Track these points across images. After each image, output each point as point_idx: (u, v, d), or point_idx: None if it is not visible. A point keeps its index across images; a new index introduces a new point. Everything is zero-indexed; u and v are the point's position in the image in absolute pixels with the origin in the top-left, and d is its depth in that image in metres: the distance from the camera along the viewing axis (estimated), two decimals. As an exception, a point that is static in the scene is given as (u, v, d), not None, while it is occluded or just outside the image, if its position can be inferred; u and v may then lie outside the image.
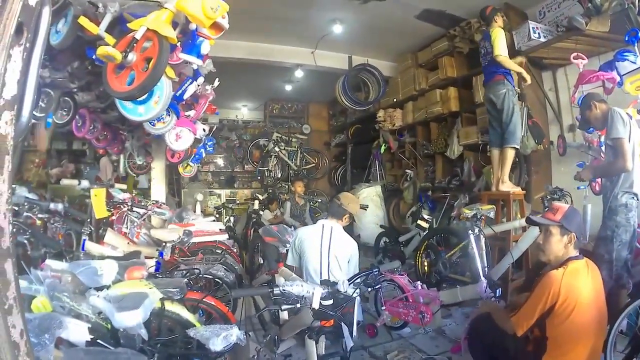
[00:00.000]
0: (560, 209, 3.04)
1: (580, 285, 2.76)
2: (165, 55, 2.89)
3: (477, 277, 4.40)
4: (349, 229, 4.68)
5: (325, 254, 4.12)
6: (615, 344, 3.39)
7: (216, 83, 5.46)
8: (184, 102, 5.07)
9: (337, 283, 2.48)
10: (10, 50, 1.23)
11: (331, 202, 4.70)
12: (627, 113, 4.24)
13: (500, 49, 5.66)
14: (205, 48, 3.71)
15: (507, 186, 5.86)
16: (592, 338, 2.81)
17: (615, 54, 5.08)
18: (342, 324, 2.53)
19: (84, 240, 4.13)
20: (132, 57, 2.99)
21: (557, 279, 2.74)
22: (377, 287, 3.03)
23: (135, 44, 2.97)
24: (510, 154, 5.82)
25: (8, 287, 1.24)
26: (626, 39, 4.86)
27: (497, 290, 4.11)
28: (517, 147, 5.86)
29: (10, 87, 1.24)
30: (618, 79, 4.99)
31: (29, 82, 1.34)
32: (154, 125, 4.88)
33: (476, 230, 4.69)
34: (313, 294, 2.35)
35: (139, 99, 3.54)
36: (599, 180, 5.30)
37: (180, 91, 4.52)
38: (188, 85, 4.53)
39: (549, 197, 5.35)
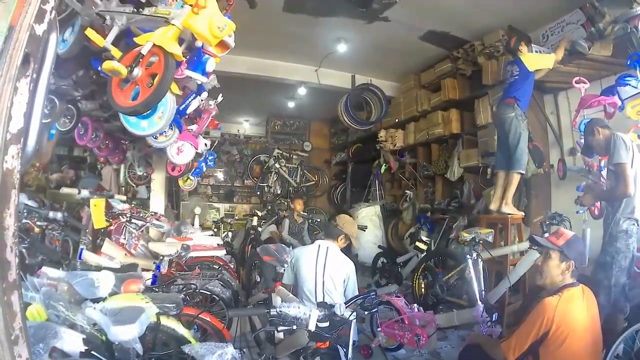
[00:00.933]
0: (564, 235, 3.02)
1: (575, 313, 2.74)
2: (171, 72, 2.90)
3: (473, 301, 4.39)
4: (347, 248, 4.65)
5: (320, 274, 4.09)
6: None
7: (220, 98, 5.47)
8: (186, 117, 5.08)
9: (334, 306, 2.48)
10: (17, 82, 1.23)
11: (328, 223, 4.64)
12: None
13: (550, 62, 5.72)
14: (210, 65, 3.71)
15: (510, 209, 5.82)
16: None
17: (617, 79, 5.14)
18: (339, 346, 2.52)
19: (82, 249, 4.11)
20: (137, 72, 2.99)
21: (551, 306, 2.73)
22: (374, 310, 3.01)
23: (141, 59, 2.98)
24: (515, 179, 5.79)
25: (14, 318, 1.25)
26: (628, 63, 4.92)
27: (494, 315, 4.10)
28: (523, 172, 5.85)
29: (16, 120, 1.23)
30: (619, 103, 5.04)
31: (35, 112, 1.34)
32: (156, 138, 4.88)
33: (474, 254, 4.68)
34: (310, 315, 2.34)
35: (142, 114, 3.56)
36: (597, 204, 5.31)
37: (183, 105, 4.52)
38: (191, 100, 4.52)
39: (547, 222, 5.35)
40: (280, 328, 2.37)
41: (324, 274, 4.09)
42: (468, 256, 4.63)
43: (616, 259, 4.02)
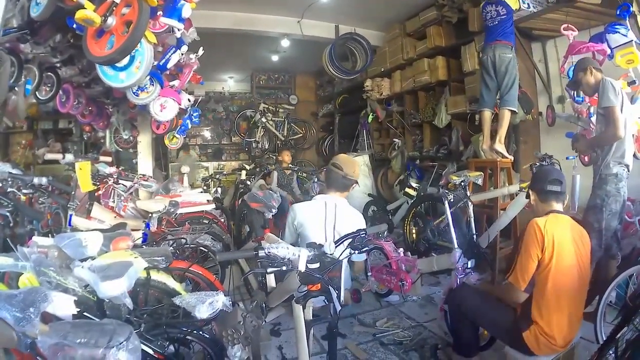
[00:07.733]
0: None
1: (561, 231, 2.77)
2: (145, 17, 2.86)
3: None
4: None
5: (331, 237, 3.67)
6: (605, 315, 3.44)
7: (200, 52, 5.38)
8: (167, 72, 5.00)
9: (323, 245, 2.44)
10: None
11: (329, 171, 4.00)
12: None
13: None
14: (186, 11, 3.65)
15: (502, 148, 5.82)
16: (577, 294, 2.80)
17: (606, 27, 5.05)
18: (330, 287, 2.50)
19: (71, 215, 4.09)
20: (111, 21, 2.97)
21: (539, 224, 2.76)
22: (364, 250, 2.95)
23: (114, 8, 2.93)
24: (507, 116, 5.79)
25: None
26: (618, 13, 4.83)
27: (470, 261, 3.98)
28: (516, 111, 5.90)
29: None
30: (608, 51, 4.98)
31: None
32: (137, 95, 4.81)
33: (450, 196, 4.45)
34: (299, 256, 2.31)
35: (120, 65, 3.51)
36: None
37: (163, 60, 4.47)
38: (171, 54, 4.47)
39: (537, 163, 5.31)
40: (269, 269, 2.34)
41: (334, 237, 3.67)
42: (443, 198, 4.43)
43: (606, 202, 4.01)
